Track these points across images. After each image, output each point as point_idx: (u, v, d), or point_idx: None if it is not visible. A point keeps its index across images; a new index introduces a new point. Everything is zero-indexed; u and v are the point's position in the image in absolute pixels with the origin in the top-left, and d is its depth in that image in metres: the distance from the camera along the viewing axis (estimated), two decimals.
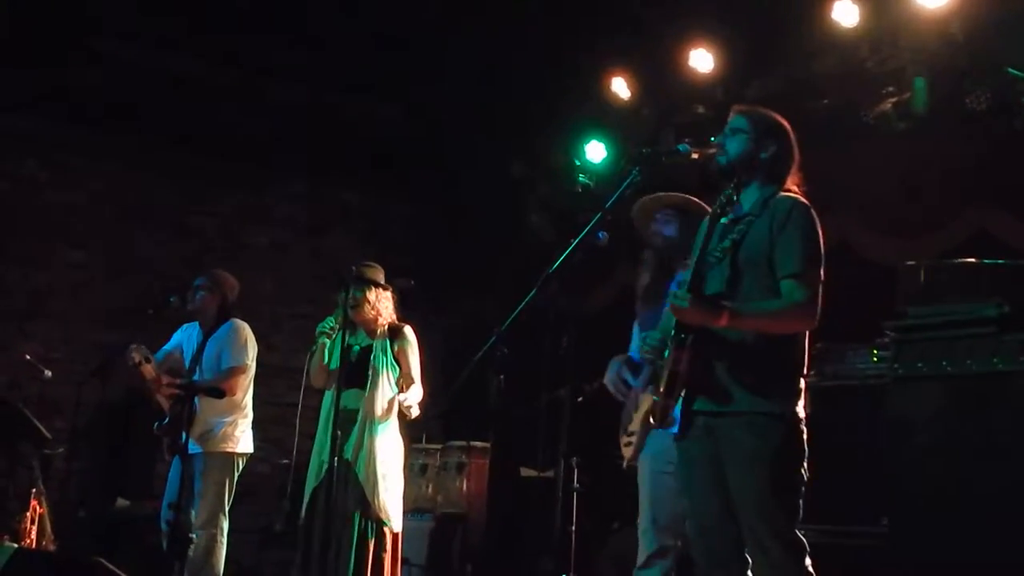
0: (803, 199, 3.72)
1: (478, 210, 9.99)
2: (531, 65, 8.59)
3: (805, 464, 3.59)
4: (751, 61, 7.59)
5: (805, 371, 3.68)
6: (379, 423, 5.78)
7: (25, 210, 9.01)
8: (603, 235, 4.66)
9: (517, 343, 4.16)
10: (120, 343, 7.57)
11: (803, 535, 3.56)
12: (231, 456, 6.18)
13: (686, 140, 3.94)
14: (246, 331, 6.34)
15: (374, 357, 5.84)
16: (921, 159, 7.15)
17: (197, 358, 6.27)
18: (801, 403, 3.61)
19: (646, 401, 4.45)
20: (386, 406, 5.81)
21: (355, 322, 5.92)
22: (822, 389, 5.80)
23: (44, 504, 7.33)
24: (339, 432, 5.51)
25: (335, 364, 5.80)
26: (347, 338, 5.77)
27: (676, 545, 4.43)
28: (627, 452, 4.60)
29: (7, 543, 6.81)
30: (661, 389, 3.57)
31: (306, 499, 5.79)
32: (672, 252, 4.61)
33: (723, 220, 3.64)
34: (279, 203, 10.08)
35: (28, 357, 7.82)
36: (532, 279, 4.06)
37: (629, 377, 4.59)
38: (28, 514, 7.20)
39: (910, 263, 5.44)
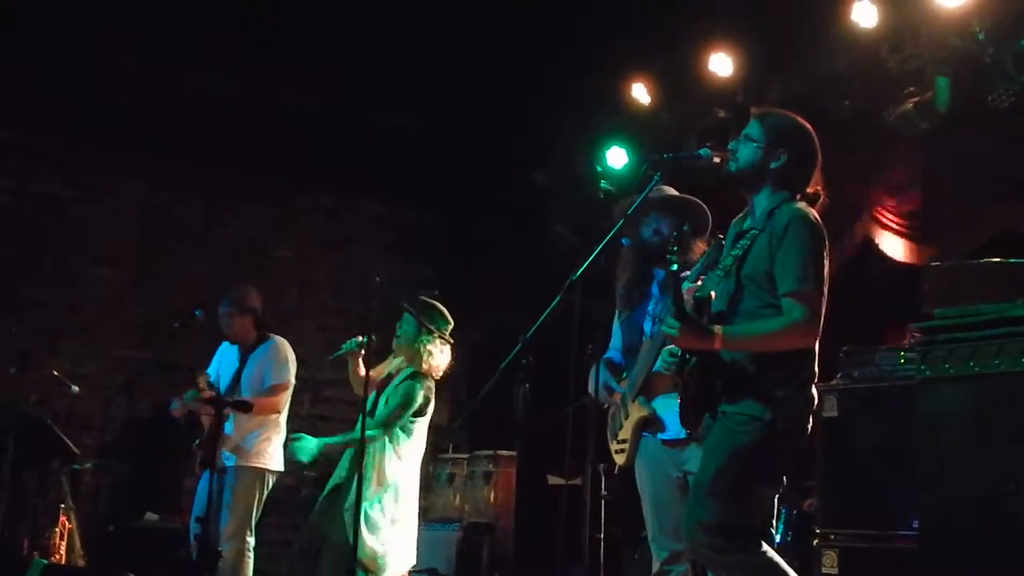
0: (805, 209, 3.70)
1: (501, 218, 9.99)
2: (552, 73, 8.60)
3: (768, 477, 3.66)
4: (770, 64, 7.57)
5: (812, 380, 3.71)
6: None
7: (52, 228, 9.07)
8: (627, 241, 4.67)
9: (542, 351, 4.16)
10: (147, 358, 7.64)
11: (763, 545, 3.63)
12: (262, 471, 6.19)
13: (707, 144, 3.93)
14: (286, 348, 6.36)
15: (388, 393, 5.81)
16: (944, 158, 7.11)
17: (237, 376, 6.28)
18: (792, 414, 3.64)
19: (636, 409, 4.47)
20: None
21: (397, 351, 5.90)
22: (850, 392, 5.78)
23: (73, 520, 7.37)
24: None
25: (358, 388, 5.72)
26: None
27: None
28: (619, 459, 4.62)
29: (37, 559, 6.85)
30: (680, 402, 3.72)
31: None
32: (662, 250, 4.58)
33: (718, 272, 3.67)
34: (303, 216, 10.11)
35: (56, 373, 7.87)
36: (556, 286, 4.05)
37: (614, 384, 4.60)
38: (57, 530, 7.25)
39: (935, 264, 5.40)
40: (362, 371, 5.76)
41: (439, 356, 5.84)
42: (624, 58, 8.37)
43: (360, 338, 5.79)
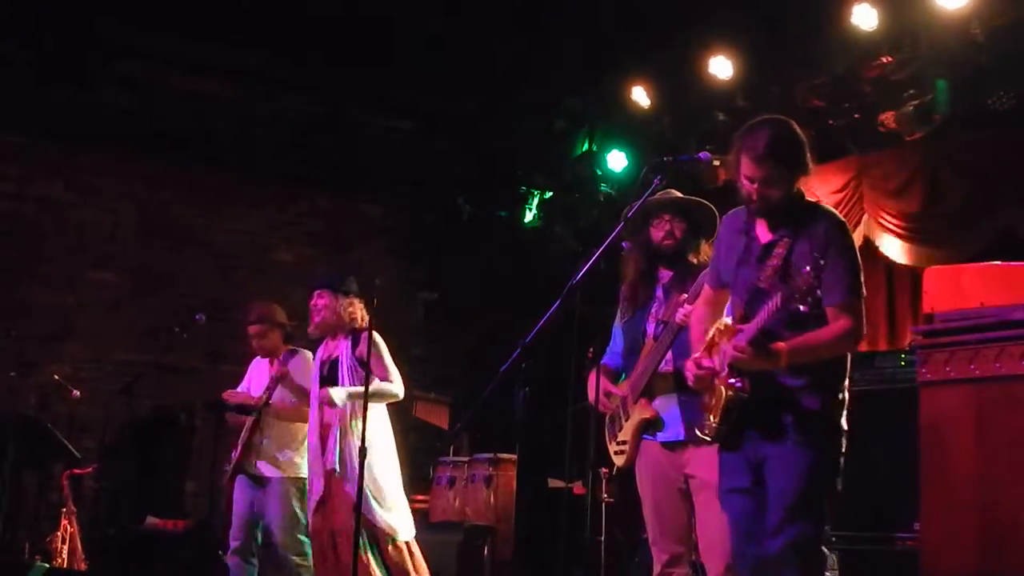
0: (837, 213, 3.74)
1: (501, 221, 10.00)
2: (551, 76, 8.60)
3: (836, 483, 3.69)
4: (770, 67, 7.57)
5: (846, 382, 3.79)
6: None
7: (52, 231, 9.08)
8: (627, 244, 4.66)
9: (542, 354, 4.16)
10: (148, 362, 7.65)
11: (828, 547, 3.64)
12: (298, 480, 6.20)
13: (707, 147, 3.92)
14: (311, 359, 6.40)
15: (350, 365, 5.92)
16: (944, 161, 7.11)
17: (272, 388, 6.32)
18: (843, 420, 3.74)
19: (637, 411, 4.46)
20: None
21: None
22: (851, 394, 5.77)
23: (75, 523, 7.37)
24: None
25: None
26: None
27: (688, 551, 4.43)
28: (618, 460, 4.61)
29: (38, 563, 6.85)
30: (715, 418, 3.66)
31: None
32: (675, 253, 4.56)
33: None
34: (303, 219, 10.12)
35: (56, 377, 7.88)
36: (556, 289, 4.05)
37: (613, 389, 4.60)
38: (59, 534, 7.25)
39: (936, 267, 5.40)
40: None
41: (360, 311, 5.93)
42: (624, 61, 8.37)
43: None
